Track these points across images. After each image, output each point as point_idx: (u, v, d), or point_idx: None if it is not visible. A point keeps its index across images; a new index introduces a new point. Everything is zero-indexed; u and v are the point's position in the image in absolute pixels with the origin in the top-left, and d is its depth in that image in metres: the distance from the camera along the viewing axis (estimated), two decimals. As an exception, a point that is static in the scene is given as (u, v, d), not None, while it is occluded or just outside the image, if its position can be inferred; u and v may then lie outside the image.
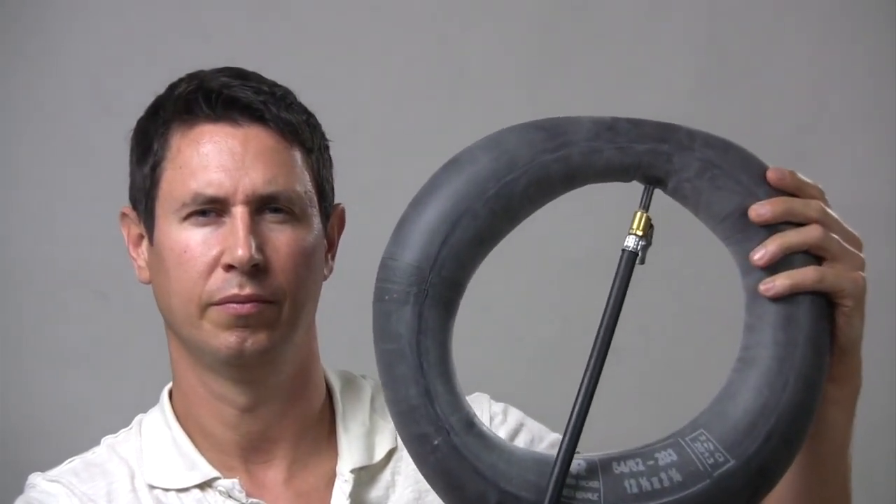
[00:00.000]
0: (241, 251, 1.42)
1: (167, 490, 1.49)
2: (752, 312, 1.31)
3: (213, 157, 1.45)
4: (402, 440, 1.28)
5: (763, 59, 2.83)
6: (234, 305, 1.43)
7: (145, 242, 1.50)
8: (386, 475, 1.53)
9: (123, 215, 1.53)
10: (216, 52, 1.65)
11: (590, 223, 2.67)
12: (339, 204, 1.55)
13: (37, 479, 1.51)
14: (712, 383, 2.81)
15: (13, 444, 2.61)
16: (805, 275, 1.26)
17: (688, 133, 1.32)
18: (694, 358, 2.81)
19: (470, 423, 1.28)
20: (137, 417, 1.57)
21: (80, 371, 2.64)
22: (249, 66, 1.52)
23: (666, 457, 1.29)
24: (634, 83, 2.80)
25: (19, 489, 1.53)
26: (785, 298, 1.27)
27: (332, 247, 1.54)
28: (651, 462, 1.29)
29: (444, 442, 1.27)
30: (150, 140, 1.48)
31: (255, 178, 1.44)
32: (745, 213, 1.30)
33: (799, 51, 2.85)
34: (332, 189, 1.53)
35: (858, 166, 2.85)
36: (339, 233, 1.56)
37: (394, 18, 2.76)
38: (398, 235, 1.30)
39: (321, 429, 1.54)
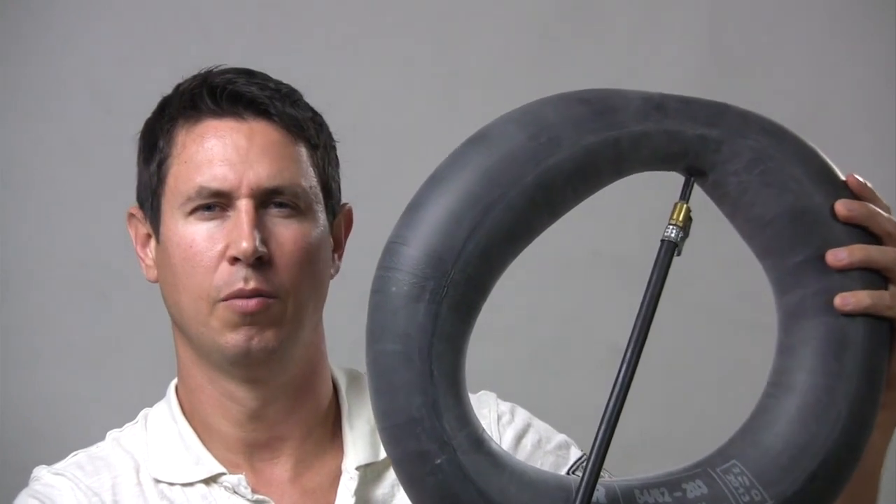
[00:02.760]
0: (245, 244, 1.42)
1: (172, 484, 1.48)
2: (791, 333, 1.15)
3: (217, 151, 1.44)
4: (393, 459, 1.15)
5: (763, 58, 2.83)
6: (240, 302, 1.43)
7: (153, 241, 1.50)
8: (391, 473, 1.51)
9: (131, 216, 1.52)
10: (216, 52, 1.64)
11: (591, 223, 2.67)
12: (346, 203, 1.55)
13: (41, 473, 1.51)
14: (714, 386, 2.81)
15: (13, 444, 2.61)
16: (882, 298, 1.16)
17: (740, 115, 1.17)
18: (695, 359, 2.81)
19: (479, 441, 1.11)
20: (143, 411, 1.56)
21: (80, 371, 2.64)
22: (250, 67, 1.52)
23: (695, 489, 1.14)
24: (634, 83, 2.79)
25: (19, 489, 1.52)
26: (838, 321, 1.14)
27: (339, 246, 1.53)
28: (678, 493, 1.14)
29: (447, 461, 1.09)
30: (155, 138, 1.48)
31: (259, 172, 1.44)
32: (795, 218, 1.14)
33: (799, 51, 2.84)
34: (339, 188, 1.53)
35: (858, 166, 2.85)
36: (347, 233, 1.55)
37: (394, 18, 2.76)
38: (412, 217, 1.10)
39: (327, 426, 1.53)
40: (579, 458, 1.56)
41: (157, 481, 1.49)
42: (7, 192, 2.64)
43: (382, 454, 1.51)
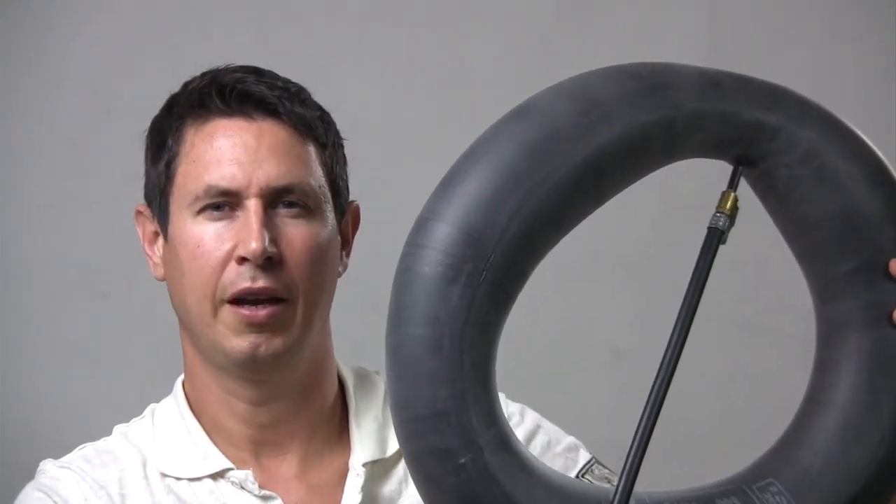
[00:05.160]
0: (254, 244, 1.42)
1: (179, 479, 1.48)
2: (833, 347, 1.09)
3: (226, 150, 1.44)
4: (410, 455, 1.07)
5: (763, 59, 2.83)
6: (246, 312, 1.43)
7: (160, 239, 1.50)
8: (399, 471, 1.51)
9: (139, 213, 1.52)
10: (217, 52, 1.64)
11: (592, 224, 2.67)
12: (353, 201, 1.54)
13: (47, 466, 1.51)
14: (713, 386, 2.81)
15: (13, 444, 2.61)
16: None
17: (799, 101, 1.09)
18: (696, 360, 2.81)
19: (507, 440, 1.03)
20: (150, 406, 1.56)
21: (80, 371, 2.64)
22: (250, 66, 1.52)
23: None
24: (635, 83, 2.79)
25: (19, 489, 1.52)
26: (888, 336, 1.07)
27: (346, 244, 1.53)
28: None
29: (472, 461, 1.00)
30: (164, 136, 1.48)
31: (268, 171, 1.44)
32: (848, 221, 1.07)
33: (799, 51, 2.84)
34: (347, 186, 1.53)
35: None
36: (354, 231, 1.55)
37: (394, 18, 2.76)
38: (449, 191, 1.01)
39: (333, 424, 1.53)
40: (588, 462, 1.56)
41: (164, 475, 1.49)
42: (7, 192, 2.64)
43: (390, 451, 1.51)
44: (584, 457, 1.57)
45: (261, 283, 1.43)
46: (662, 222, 2.69)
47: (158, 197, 1.49)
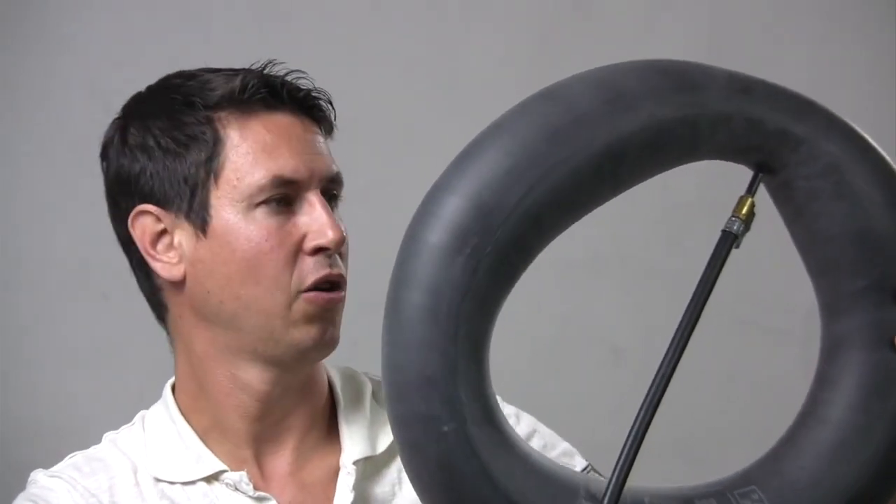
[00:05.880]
0: (331, 232, 1.44)
1: (173, 483, 1.48)
2: (834, 363, 1.08)
3: (283, 142, 1.46)
4: (395, 419, 1.07)
5: (763, 59, 2.83)
6: (325, 296, 1.44)
7: (171, 237, 1.48)
8: (391, 472, 1.52)
9: (143, 213, 1.49)
10: (216, 51, 1.65)
11: (592, 223, 2.67)
12: None
13: (38, 476, 1.51)
14: (713, 386, 2.81)
15: (13, 444, 2.61)
16: None
17: (826, 115, 1.09)
18: (696, 360, 2.81)
19: (492, 415, 1.03)
20: (140, 413, 1.56)
21: (80, 371, 2.64)
22: (249, 65, 1.52)
23: None
24: (635, 83, 2.80)
25: (19, 489, 1.53)
26: (889, 358, 1.07)
27: None
28: None
29: (455, 430, 1.00)
30: (190, 130, 1.47)
31: (323, 162, 1.47)
32: (862, 239, 1.06)
33: (799, 51, 2.85)
34: None
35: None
36: None
37: (394, 18, 2.77)
38: (465, 163, 1.01)
39: (324, 423, 1.54)
40: (584, 468, 1.56)
41: (158, 480, 1.49)
42: (7, 192, 2.65)
43: (380, 447, 1.52)
44: (579, 463, 1.57)
45: (336, 269, 1.46)
46: (664, 222, 2.69)
47: (189, 193, 1.47)
